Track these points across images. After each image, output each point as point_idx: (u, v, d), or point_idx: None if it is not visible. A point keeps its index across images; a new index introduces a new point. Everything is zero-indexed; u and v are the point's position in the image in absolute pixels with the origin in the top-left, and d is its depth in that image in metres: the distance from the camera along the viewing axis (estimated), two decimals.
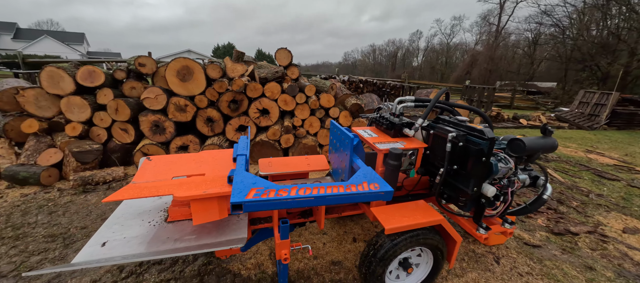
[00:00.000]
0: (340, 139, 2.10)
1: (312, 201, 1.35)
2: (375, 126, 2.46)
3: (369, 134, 2.29)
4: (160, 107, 3.94)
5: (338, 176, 2.24)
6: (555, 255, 2.75)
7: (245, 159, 1.70)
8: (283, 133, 4.38)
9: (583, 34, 18.83)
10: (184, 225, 1.84)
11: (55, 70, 3.58)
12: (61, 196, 3.26)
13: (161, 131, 4.02)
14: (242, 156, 1.79)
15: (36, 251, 2.35)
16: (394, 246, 1.78)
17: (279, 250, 1.80)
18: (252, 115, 4.33)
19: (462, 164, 1.73)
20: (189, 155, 2.21)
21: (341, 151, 2.08)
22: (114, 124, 3.92)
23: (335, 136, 2.23)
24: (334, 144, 2.27)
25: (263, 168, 2.32)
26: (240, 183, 1.38)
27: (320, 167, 2.43)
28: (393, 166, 1.84)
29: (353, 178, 1.58)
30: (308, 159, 2.52)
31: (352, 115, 4.58)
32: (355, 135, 1.85)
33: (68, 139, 3.70)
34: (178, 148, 4.14)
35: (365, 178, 1.59)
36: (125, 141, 4.04)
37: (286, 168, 2.37)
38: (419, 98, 2.22)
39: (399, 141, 2.09)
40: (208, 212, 1.63)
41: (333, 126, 2.25)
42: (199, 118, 4.18)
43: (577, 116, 10.56)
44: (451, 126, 1.90)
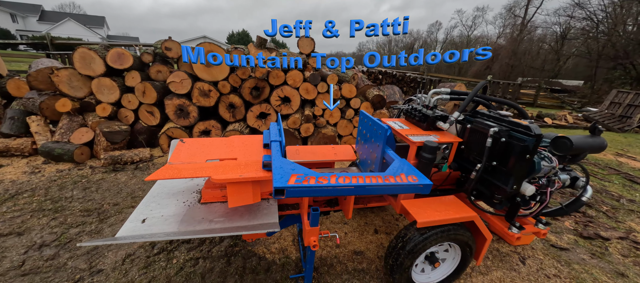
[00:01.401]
0: (371, 130, 2.07)
1: (352, 190, 1.34)
2: (405, 118, 2.40)
3: (399, 126, 2.25)
4: (185, 91, 4.00)
5: (366, 167, 2.22)
6: (584, 259, 2.66)
7: (282, 146, 1.71)
8: (303, 121, 4.38)
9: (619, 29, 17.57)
10: (217, 207, 1.88)
11: (87, 51, 3.69)
12: (93, 174, 3.41)
13: (185, 115, 4.10)
14: (277, 142, 1.80)
15: (74, 224, 2.49)
16: (423, 240, 1.76)
17: (308, 237, 1.82)
18: (273, 103, 4.34)
19: (503, 161, 1.67)
20: (220, 139, 2.25)
21: (372, 142, 2.05)
22: (140, 106, 4.03)
23: (365, 126, 2.20)
24: (363, 135, 2.24)
25: (290, 155, 2.33)
26: (280, 169, 1.39)
27: (347, 157, 2.42)
28: (427, 160, 1.81)
29: (390, 169, 1.56)
30: (335, 149, 2.51)
31: (374, 106, 4.50)
32: (389, 127, 1.82)
33: (98, 120, 3.84)
34: (201, 132, 4.23)
35: (402, 170, 1.56)
36: (151, 123, 4.15)
37: (313, 156, 2.37)
38: (455, 91, 2.14)
39: (432, 135, 2.03)
40: (243, 195, 1.66)
41: (363, 116, 2.22)
42: (221, 104, 4.23)
43: (606, 117, 10.00)
44: (491, 120, 1.83)
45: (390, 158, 1.80)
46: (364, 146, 2.24)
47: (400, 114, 2.71)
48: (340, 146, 2.55)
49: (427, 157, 1.80)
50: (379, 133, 1.92)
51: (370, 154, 2.11)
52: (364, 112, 2.23)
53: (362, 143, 2.28)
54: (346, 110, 4.47)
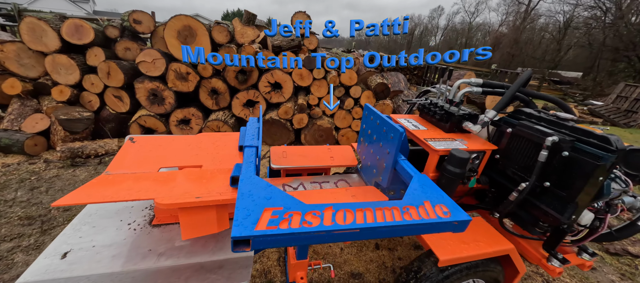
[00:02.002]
0: (378, 130, 1.60)
1: (357, 234, 0.89)
2: (421, 115, 1.93)
3: (414, 126, 1.78)
4: (159, 73, 3.43)
5: (369, 176, 1.77)
6: (613, 280, 2.31)
7: (256, 155, 1.23)
8: (296, 111, 3.88)
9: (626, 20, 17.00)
10: (174, 231, 1.42)
11: (36, 21, 3.06)
12: (47, 169, 2.90)
13: (160, 101, 3.55)
14: (251, 148, 1.32)
15: (8, 236, 2.01)
16: (443, 279, 1.35)
17: (294, 272, 1.40)
18: (262, 89, 3.81)
19: (561, 182, 1.23)
20: (184, 138, 1.75)
21: (379, 147, 1.59)
22: (106, 90, 3.46)
23: (370, 125, 1.72)
24: (368, 135, 1.77)
25: (276, 159, 1.85)
26: (247, 199, 0.92)
27: (347, 162, 1.96)
28: (454, 175, 1.36)
29: (409, 194, 1.10)
30: (331, 150, 2.04)
31: (376, 96, 4.01)
32: (404, 130, 1.35)
33: (55, 105, 3.28)
34: (179, 121, 3.70)
35: (425, 195, 1.11)
36: (119, 110, 3.60)
37: (304, 160, 1.90)
38: (489, 82, 1.66)
39: (457, 139, 1.58)
40: (202, 224, 1.20)
41: (369, 112, 1.74)
42: (202, 89, 3.68)
43: (612, 111, 9.67)
44: (544, 125, 1.37)
45: (405, 173, 1.35)
46: (368, 148, 1.78)
47: (413, 110, 2.24)
48: (337, 148, 2.07)
49: (454, 171, 1.35)
50: (389, 137, 1.46)
51: (376, 161, 1.66)
52: (370, 107, 1.75)
53: (366, 145, 1.82)
54: (345, 99, 3.96)
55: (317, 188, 1.76)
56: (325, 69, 3.82)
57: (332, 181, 1.87)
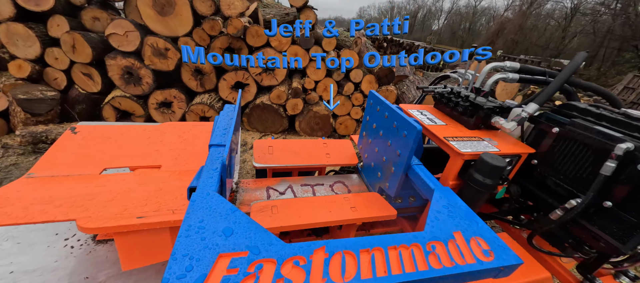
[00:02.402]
0: (386, 124, 1.27)
1: None
2: (437, 106, 1.60)
3: (429, 120, 1.46)
4: (133, 48, 3.01)
5: (373, 178, 1.47)
6: None
7: (222, 164, 0.89)
8: (290, 96, 3.50)
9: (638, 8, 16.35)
10: None
11: None
12: (5, 156, 2.55)
13: (136, 81, 3.15)
14: (219, 148, 0.99)
15: None
16: None
17: None
18: (252, 70, 3.41)
19: (629, 202, 0.94)
20: (143, 128, 1.41)
21: (387, 145, 1.27)
22: (73, 66, 3.04)
23: (376, 117, 1.39)
24: (372, 130, 1.45)
25: (259, 156, 1.53)
26: (194, 235, 0.60)
27: (345, 160, 1.64)
28: (484, 187, 1.06)
29: (432, 221, 0.80)
30: (327, 145, 1.71)
31: (379, 81, 3.64)
32: (421, 127, 1.03)
33: (14, 82, 2.86)
34: (159, 104, 3.32)
35: (453, 221, 0.81)
36: (90, 89, 3.20)
37: (295, 157, 1.58)
38: (528, 68, 1.32)
39: (484, 138, 1.26)
40: (149, 251, 0.89)
41: (374, 101, 1.40)
42: (184, 68, 3.27)
43: None
44: (608, 124, 1.05)
45: (422, 183, 1.04)
46: (372, 145, 1.46)
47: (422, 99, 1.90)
48: (334, 143, 1.75)
49: (484, 183, 1.05)
50: (402, 134, 1.13)
51: (381, 162, 1.34)
52: (377, 95, 1.41)
53: (369, 141, 1.49)
54: (344, 84, 3.59)
55: (309, 192, 1.45)
56: (322, 48, 3.42)
57: (327, 183, 1.56)
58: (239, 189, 1.43)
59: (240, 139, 3.55)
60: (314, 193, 1.46)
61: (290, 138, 3.77)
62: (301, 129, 3.80)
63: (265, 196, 1.39)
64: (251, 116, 3.65)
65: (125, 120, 3.31)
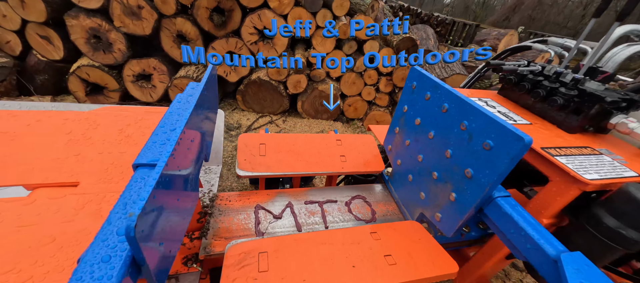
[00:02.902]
0: (446, 122, 0.80)
1: None
2: (503, 92, 1.10)
3: (502, 116, 0.97)
4: (98, 5, 2.43)
5: (410, 196, 1.01)
6: None
7: (140, 207, 0.42)
8: (292, 71, 2.96)
9: None
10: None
11: None
12: None
13: (106, 47, 2.60)
14: (147, 171, 0.50)
15: None
16: None
17: None
18: (246, 37, 2.83)
19: None
20: (64, 115, 0.93)
21: (444, 157, 0.80)
22: (27, 26, 2.48)
23: (421, 107, 0.91)
24: (412, 126, 0.97)
25: (246, 159, 1.06)
26: None
27: (368, 167, 1.17)
28: (623, 243, 0.60)
29: None
30: (342, 143, 1.23)
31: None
32: (529, 137, 0.55)
33: None
34: (136, 76, 2.79)
35: None
36: (51, 56, 2.66)
37: (296, 160, 1.11)
38: None
39: (598, 148, 0.78)
40: None
41: (420, 81, 0.91)
42: (165, 33, 2.70)
43: None
44: None
45: (526, 240, 0.58)
46: (411, 149, 0.98)
47: (482, 78, 1.39)
48: (351, 139, 1.27)
49: (626, 236, 0.58)
50: (480, 144, 0.66)
51: (429, 180, 0.88)
52: (425, 73, 0.91)
53: (406, 142, 1.02)
54: (356, 58, 3.02)
55: (317, 215, 1.00)
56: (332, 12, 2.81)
57: (341, 198, 1.11)
58: (215, 209, 0.99)
59: (235, 121, 3.07)
60: (323, 216, 1.01)
61: (291, 120, 3.28)
62: (304, 110, 3.30)
63: (253, 223, 0.95)
64: (246, 93, 3.13)
65: (97, 95, 2.81)
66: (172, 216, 0.54)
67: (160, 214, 0.47)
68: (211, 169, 1.34)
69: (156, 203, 0.44)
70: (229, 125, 2.99)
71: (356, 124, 3.39)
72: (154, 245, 0.46)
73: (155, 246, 0.46)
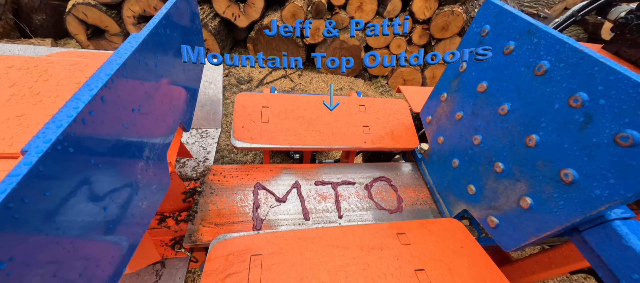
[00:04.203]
0: (538, 91, 0.50)
1: None
2: (617, 47, 0.74)
3: None
4: None
5: (453, 186, 0.77)
6: None
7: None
8: (310, 15, 2.53)
9: None
10: None
11: None
12: None
13: None
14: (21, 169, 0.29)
15: None
16: None
17: None
18: None
19: None
20: (9, 60, 0.72)
21: (524, 144, 0.52)
22: None
23: (495, 66, 0.60)
24: (470, 94, 0.68)
25: (244, 125, 0.84)
26: None
27: (400, 143, 0.92)
28: None
29: None
30: (366, 109, 0.97)
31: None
32: None
33: None
34: (137, 17, 2.51)
35: None
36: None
37: (306, 129, 0.88)
38: None
39: None
40: None
41: (502, 23, 0.58)
42: None
43: None
44: None
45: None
46: (464, 124, 0.71)
47: (563, 26, 0.99)
48: (377, 103, 0.99)
49: None
50: (605, 132, 0.38)
51: (489, 171, 0.62)
52: (505, 6, 0.58)
53: (457, 115, 0.74)
54: (388, 0, 2.49)
55: (329, 201, 0.81)
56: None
57: (360, 180, 0.89)
58: (206, 186, 0.82)
59: (246, 73, 2.80)
60: (337, 202, 0.81)
61: (308, 75, 2.95)
62: (322, 64, 2.93)
63: (251, 206, 0.78)
64: (258, 41, 2.79)
65: (100, 40, 2.60)
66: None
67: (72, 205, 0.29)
68: (208, 133, 1.15)
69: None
70: (240, 78, 2.74)
71: (380, 82, 3.01)
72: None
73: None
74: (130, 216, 0.44)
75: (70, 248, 0.33)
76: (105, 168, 0.37)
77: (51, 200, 0.30)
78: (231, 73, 2.78)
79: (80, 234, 0.34)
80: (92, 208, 0.36)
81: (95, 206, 0.36)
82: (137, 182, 0.46)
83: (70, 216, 0.32)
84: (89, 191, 0.35)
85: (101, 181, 0.37)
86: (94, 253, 0.38)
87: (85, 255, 0.36)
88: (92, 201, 0.36)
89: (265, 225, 0.74)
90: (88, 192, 0.35)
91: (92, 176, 0.35)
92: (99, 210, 0.37)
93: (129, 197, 0.44)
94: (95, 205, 0.36)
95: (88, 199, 0.35)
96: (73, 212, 0.33)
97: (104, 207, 0.38)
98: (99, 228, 0.38)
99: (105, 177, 0.38)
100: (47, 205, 0.29)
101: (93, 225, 0.36)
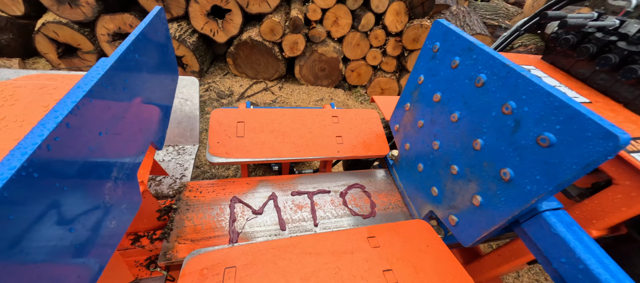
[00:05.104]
0: (480, 100, 0.57)
1: None
2: (547, 58, 0.84)
3: None
4: None
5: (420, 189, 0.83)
6: None
7: None
8: (288, 30, 2.61)
9: None
10: None
11: None
12: None
13: (71, 0, 2.25)
14: None
15: None
16: None
17: None
18: None
19: None
20: None
21: (472, 147, 0.58)
22: None
23: (445, 77, 0.68)
24: (428, 103, 0.75)
25: (219, 141, 0.86)
26: None
27: (371, 151, 0.97)
28: None
29: None
30: (339, 120, 1.02)
31: (411, 12, 2.65)
32: (627, 135, 0.34)
33: None
34: (112, 35, 2.48)
35: None
36: (11, 11, 2.33)
37: (281, 142, 0.91)
38: None
39: None
40: None
41: (445, 40, 0.66)
42: None
43: None
44: None
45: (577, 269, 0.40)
46: (425, 131, 0.77)
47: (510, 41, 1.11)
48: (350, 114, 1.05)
49: None
50: (531, 135, 0.44)
51: (447, 174, 0.68)
52: (450, 26, 0.66)
53: (419, 123, 0.81)
54: (362, 15, 2.63)
55: (306, 210, 0.84)
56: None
57: (335, 188, 0.93)
58: (182, 203, 0.82)
59: (226, 87, 2.81)
60: (313, 211, 0.84)
61: (289, 87, 3.01)
62: (302, 76, 3.00)
63: (227, 220, 0.79)
64: (237, 56, 2.82)
65: (72, 58, 2.53)
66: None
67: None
68: (185, 150, 1.15)
69: None
70: (220, 92, 2.74)
71: (359, 92, 3.11)
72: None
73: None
74: (98, 236, 0.45)
75: (35, 270, 0.34)
76: (71, 190, 0.39)
77: (16, 224, 0.31)
78: (211, 87, 2.78)
79: (47, 257, 0.35)
80: (58, 230, 0.37)
81: (62, 228, 0.38)
82: (105, 203, 0.47)
83: (35, 240, 0.33)
84: (56, 213, 0.36)
85: (68, 203, 0.38)
86: (60, 274, 0.38)
87: (51, 276, 0.36)
88: (59, 223, 0.37)
89: (242, 238, 0.75)
90: (55, 214, 0.36)
91: (58, 198, 0.37)
92: (66, 231, 0.38)
93: (97, 218, 0.45)
94: (62, 226, 0.37)
95: (54, 221, 0.36)
96: (39, 234, 0.34)
97: (71, 228, 0.39)
98: (66, 249, 0.39)
99: (72, 199, 0.39)
100: (11, 230, 0.31)
101: (59, 246, 0.37)
